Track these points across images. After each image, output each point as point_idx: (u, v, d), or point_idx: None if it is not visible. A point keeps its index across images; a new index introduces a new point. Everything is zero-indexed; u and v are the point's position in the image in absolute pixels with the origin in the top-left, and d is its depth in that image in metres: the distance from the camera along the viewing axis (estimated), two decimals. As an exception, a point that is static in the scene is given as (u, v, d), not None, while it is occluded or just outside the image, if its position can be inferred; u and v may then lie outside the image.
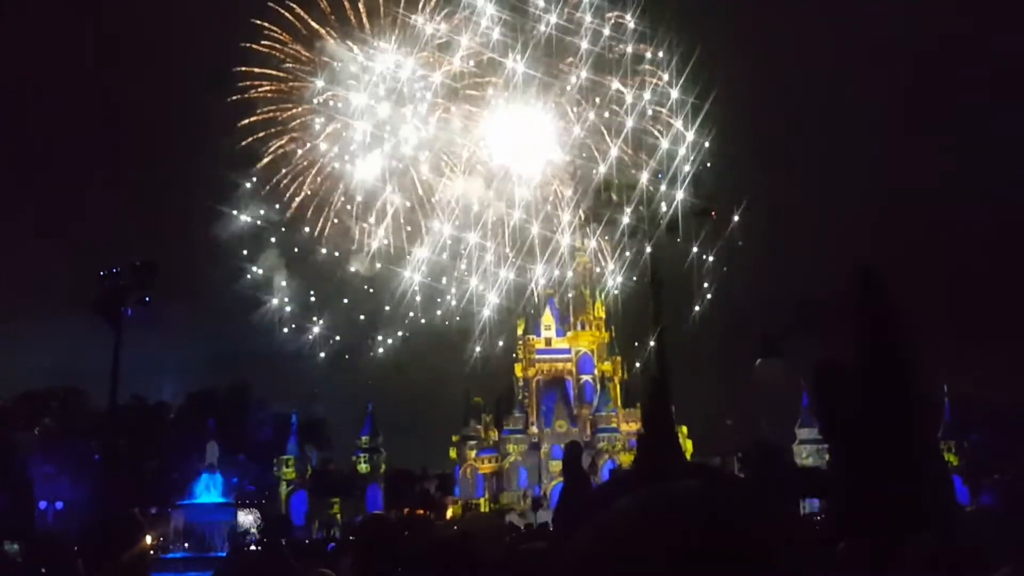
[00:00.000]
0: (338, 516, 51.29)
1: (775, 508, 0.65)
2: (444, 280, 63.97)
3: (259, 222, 60.48)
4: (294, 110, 62.46)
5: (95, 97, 65.19)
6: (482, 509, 51.96)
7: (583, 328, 62.01)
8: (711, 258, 54.96)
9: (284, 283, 61.57)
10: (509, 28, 61.07)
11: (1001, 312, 59.80)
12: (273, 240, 61.45)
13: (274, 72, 61.56)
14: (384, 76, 61.99)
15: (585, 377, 61.21)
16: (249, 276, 60.65)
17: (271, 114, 61.79)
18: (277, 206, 61.79)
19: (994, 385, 51.97)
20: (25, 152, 66.69)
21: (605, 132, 63.77)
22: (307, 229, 62.78)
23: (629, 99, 62.41)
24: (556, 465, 52.06)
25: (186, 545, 31.25)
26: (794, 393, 47.65)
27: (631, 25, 61.31)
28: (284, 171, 62.30)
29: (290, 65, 61.83)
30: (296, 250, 62.22)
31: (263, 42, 60.89)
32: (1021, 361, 53.29)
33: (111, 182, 65.66)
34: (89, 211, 67.50)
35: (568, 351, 61.86)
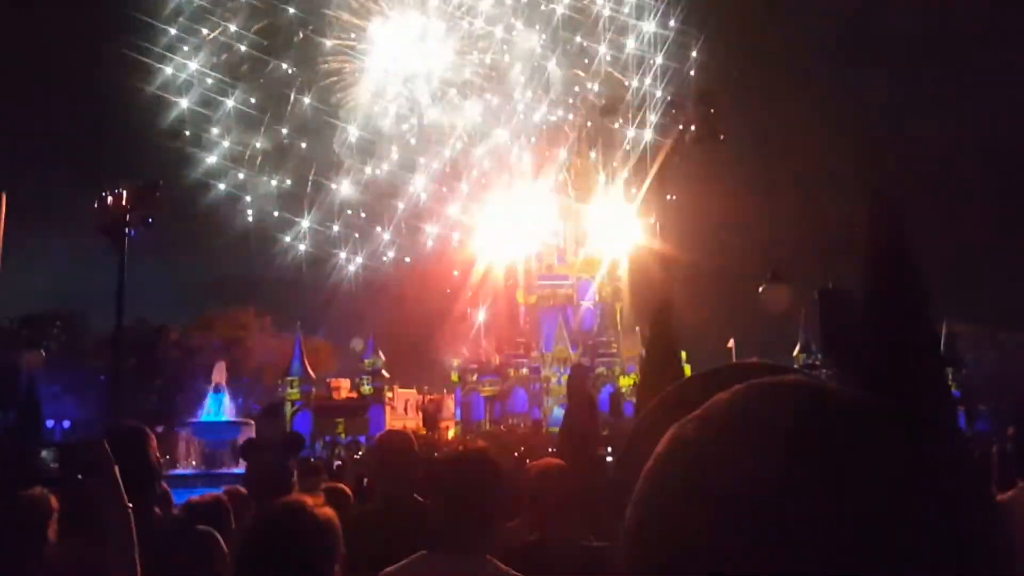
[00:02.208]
0: (342, 435, 52.23)
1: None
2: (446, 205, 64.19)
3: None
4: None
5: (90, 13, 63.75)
6: (485, 430, 52.84)
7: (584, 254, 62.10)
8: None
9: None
10: None
11: (995, 240, 59.81)
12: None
13: None
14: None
15: (586, 303, 61.58)
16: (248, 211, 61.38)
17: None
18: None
19: (986, 313, 52.23)
20: (21, 71, 65.60)
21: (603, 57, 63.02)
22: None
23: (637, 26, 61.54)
24: (557, 389, 52.75)
25: (193, 463, 31.88)
26: (796, 319, 47.93)
27: None
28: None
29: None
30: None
31: None
32: (1010, 290, 53.49)
33: (107, 102, 64.61)
34: (88, 132, 66.74)
35: (569, 278, 62.10)
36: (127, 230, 21.42)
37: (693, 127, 19.30)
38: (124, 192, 21.25)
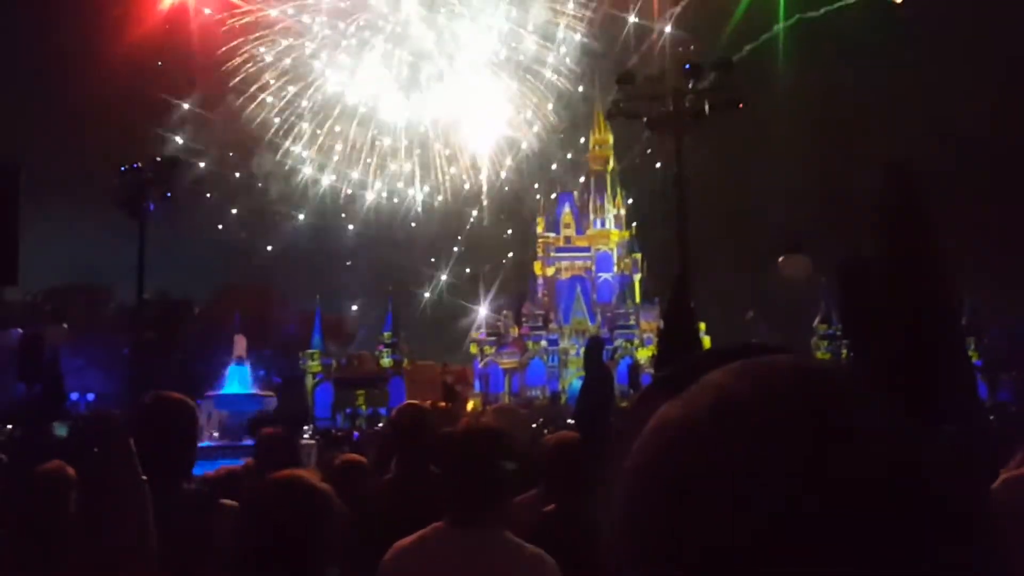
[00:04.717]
0: (363, 407, 52.68)
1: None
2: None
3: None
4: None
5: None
6: (503, 403, 53.10)
7: (602, 226, 61.81)
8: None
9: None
10: None
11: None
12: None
13: None
14: None
15: (604, 275, 61.44)
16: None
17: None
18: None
19: (1011, 281, 51.55)
20: (39, 46, 65.78)
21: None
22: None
23: None
24: (575, 361, 52.81)
25: (215, 435, 32.17)
26: (815, 289, 47.56)
27: None
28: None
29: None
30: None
31: None
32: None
33: (130, 79, 64.82)
34: (108, 108, 67.00)
35: (587, 249, 61.92)
36: (147, 204, 21.55)
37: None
38: (143, 166, 21.37)
